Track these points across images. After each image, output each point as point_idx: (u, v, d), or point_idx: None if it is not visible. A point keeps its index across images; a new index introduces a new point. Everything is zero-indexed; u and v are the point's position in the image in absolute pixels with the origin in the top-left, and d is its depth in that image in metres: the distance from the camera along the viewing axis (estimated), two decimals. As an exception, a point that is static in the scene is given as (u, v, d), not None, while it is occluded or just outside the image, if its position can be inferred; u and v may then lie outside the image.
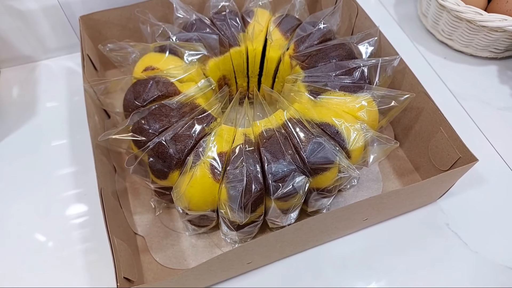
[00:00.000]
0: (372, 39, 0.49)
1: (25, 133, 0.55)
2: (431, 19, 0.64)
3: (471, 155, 0.40)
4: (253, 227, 0.42)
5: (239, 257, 0.37)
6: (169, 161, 0.39)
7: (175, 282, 0.35)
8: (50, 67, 0.61)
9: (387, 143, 0.41)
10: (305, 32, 0.49)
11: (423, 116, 0.46)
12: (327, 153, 0.38)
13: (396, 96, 0.42)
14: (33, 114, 0.57)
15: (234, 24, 0.50)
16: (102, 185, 0.39)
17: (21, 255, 0.44)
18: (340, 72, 0.44)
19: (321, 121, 0.41)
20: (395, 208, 0.43)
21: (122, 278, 0.34)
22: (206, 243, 0.45)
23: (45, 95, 0.59)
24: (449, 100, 0.58)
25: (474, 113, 0.56)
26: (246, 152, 0.39)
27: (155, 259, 0.44)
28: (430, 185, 0.40)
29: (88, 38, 0.52)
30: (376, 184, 0.50)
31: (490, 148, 0.53)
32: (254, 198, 0.37)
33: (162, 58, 0.46)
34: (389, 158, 0.52)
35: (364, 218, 0.42)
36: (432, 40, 0.65)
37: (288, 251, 0.43)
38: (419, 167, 0.50)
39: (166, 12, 0.56)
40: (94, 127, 0.43)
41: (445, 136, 0.43)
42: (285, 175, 0.37)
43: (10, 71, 0.61)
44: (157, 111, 0.41)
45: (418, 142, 0.49)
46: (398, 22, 0.68)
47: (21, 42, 0.58)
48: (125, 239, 0.40)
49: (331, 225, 0.40)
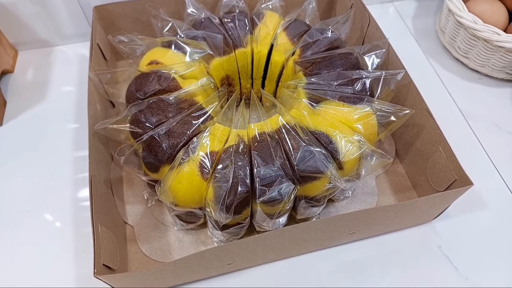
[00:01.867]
0: (380, 51, 0.48)
1: (35, 114, 0.57)
2: (448, 35, 0.62)
3: (467, 179, 0.39)
4: (239, 228, 0.42)
5: (218, 257, 0.37)
6: (161, 156, 0.40)
7: (152, 275, 0.36)
8: (65, 53, 0.63)
9: (381, 158, 0.40)
10: (312, 39, 0.48)
11: (424, 133, 0.45)
12: (317, 162, 0.38)
13: (395, 111, 0.42)
14: (44, 97, 0.58)
15: (242, 25, 0.50)
16: (94, 173, 0.40)
17: (28, 233, 0.46)
18: (341, 82, 0.44)
19: (315, 129, 0.41)
20: (385, 225, 0.42)
21: (101, 265, 0.35)
22: (192, 240, 0.46)
23: (57, 79, 0.61)
24: (458, 120, 0.56)
25: (482, 135, 0.54)
26: (236, 154, 0.39)
27: (141, 249, 0.45)
28: (420, 204, 0.39)
29: (100, 28, 0.54)
30: (371, 198, 0.49)
31: (495, 173, 0.51)
32: (239, 200, 0.37)
33: (167, 53, 0.47)
34: (387, 173, 0.51)
35: (351, 232, 0.41)
36: (448, 56, 0.63)
37: (271, 257, 0.42)
38: (417, 185, 0.49)
39: (179, 9, 0.56)
40: (94, 115, 0.44)
41: (443, 156, 0.42)
42: (273, 180, 0.37)
43: (28, 54, 0.63)
44: (154, 105, 0.42)
45: (417, 159, 0.47)
46: (414, 35, 0.66)
47: (39, 27, 0.60)
48: (111, 227, 0.40)
49: (315, 235, 0.39)
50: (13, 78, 0.60)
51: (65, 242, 0.45)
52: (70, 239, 0.45)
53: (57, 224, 0.47)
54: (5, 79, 0.60)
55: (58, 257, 0.44)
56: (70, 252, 0.44)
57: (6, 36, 0.60)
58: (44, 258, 0.44)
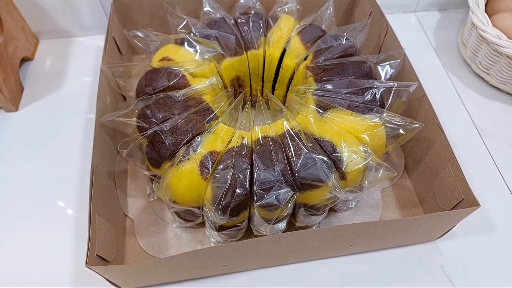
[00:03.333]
0: (395, 62, 0.47)
1: (50, 102, 0.58)
2: (470, 50, 0.60)
3: (474, 199, 0.37)
4: (236, 231, 0.42)
5: (211, 258, 0.37)
6: (163, 152, 0.40)
7: (144, 270, 0.36)
8: (84, 44, 0.65)
9: (385, 171, 0.39)
10: (326, 45, 0.48)
11: (434, 149, 0.44)
12: (318, 170, 0.37)
13: (404, 124, 0.40)
14: (60, 85, 0.60)
15: (256, 27, 0.50)
16: (97, 164, 0.40)
17: (33, 218, 0.47)
18: (351, 90, 0.43)
19: (320, 137, 0.40)
20: (385, 240, 0.41)
21: (95, 255, 0.35)
22: (190, 238, 0.46)
23: (75, 69, 0.62)
24: (473, 137, 0.54)
25: (497, 155, 0.52)
26: (237, 155, 0.39)
27: (139, 243, 0.45)
28: (423, 222, 0.38)
29: (118, 22, 0.54)
30: (375, 211, 0.48)
31: (507, 194, 0.49)
32: (236, 202, 0.37)
33: (179, 51, 0.47)
34: (394, 186, 0.50)
35: (350, 244, 0.40)
36: (468, 71, 0.61)
37: (266, 262, 0.42)
38: (424, 202, 0.47)
39: (197, 7, 0.57)
40: (102, 107, 0.44)
41: (452, 174, 0.40)
42: (272, 185, 0.37)
43: (48, 43, 0.65)
44: (161, 101, 0.42)
45: (426, 175, 0.46)
46: (435, 47, 0.64)
47: (61, 17, 0.61)
48: (110, 219, 0.41)
49: (312, 244, 0.39)
50: (33, 66, 0.62)
51: (67, 230, 0.46)
52: (72, 227, 0.46)
53: (62, 211, 0.47)
54: (25, 66, 0.61)
55: (60, 244, 0.45)
56: (72, 240, 0.45)
57: (29, 25, 0.62)
58: (46, 243, 0.45)
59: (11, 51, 0.56)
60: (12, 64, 0.56)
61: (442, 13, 0.69)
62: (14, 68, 0.57)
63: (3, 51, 0.54)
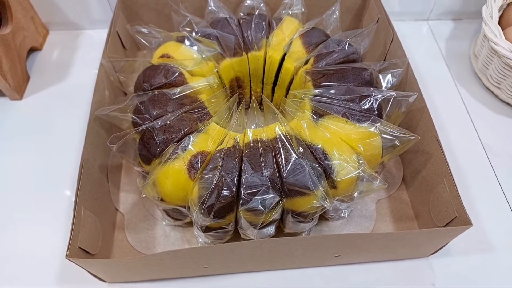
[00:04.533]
0: (398, 70, 0.46)
1: (55, 92, 0.59)
2: (481, 62, 0.58)
3: (467, 218, 0.36)
4: (223, 233, 0.41)
5: (193, 259, 0.37)
6: (153, 149, 0.40)
7: (124, 266, 0.36)
8: (92, 37, 0.65)
9: (377, 182, 0.38)
10: (328, 49, 0.47)
11: (431, 163, 0.42)
12: (305, 178, 0.36)
13: (400, 136, 0.39)
14: (66, 77, 0.61)
15: (258, 28, 0.49)
16: (88, 157, 0.41)
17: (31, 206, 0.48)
18: (349, 98, 0.42)
19: (312, 143, 0.39)
20: (374, 253, 0.40)
21: (77, 248, 0.35)
22: (178, 237, 0.45)
23: (81, 61, 0.63)
24: (477, 152, 0.52)
25: (501, 172, 0.50)
26: (227, 157, 0.38)
27: (127, 238, 0.45)
28: (413, 237, 0.37)
29: (123, 17, 0.55)
30: (368, 222, 0.47)
31: (509, 214, 0.47)
32: (222, 204, 0.37)
33: (179, 48, 0.47)
34: (390, 198, 0.48)
35: (337, 254, 0.40)
36: (478, 84, 0.59)
37: (251, 266, 0.41)
38: (419, 216, 0.46)
39: (203, 5, 0.56)
40: (98, 101, 0.45)
41: (447, 190, 0.39)
42: (258, 190, 0.36)
43: (57, 35, 0.66)
44: (156, 97, 0.42)
45: (423, 189, 0.45)
46: (445, 58, 0.63)
47: (71, 9, 0.62)
48: (99, 213, 0.41)
49: (297, 251, 0.38)
50: (41, 56, 0.63)
51: (60, 221, 0.46)
52: (64, 218, 0.46)
53: (56, 201, 0.48)
54: (33, 56, 0.62)
55: (52, 234, 0.45)
56: (63, 231, 0.45)
57: (40, 15, 0.63)
58: (38, 233, 0.46)
59: (19, 41, 0.57)
60: (19, 53, 0.57)
61: (455, 23, 0.67)
62: (21, 57, 0.58)
63: (11, 40, 0.55)
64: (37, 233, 0.45)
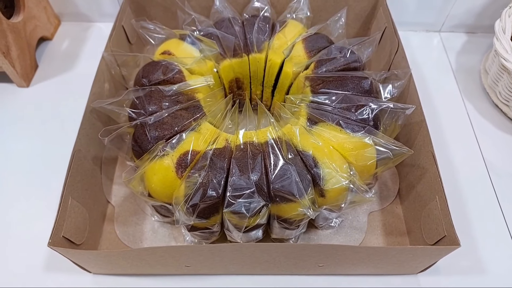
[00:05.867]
0: (399, 82, 0.45)
1: (61, 82, 0.60)
2: (491, 78, 0.56)
3: (455, 238, 0.35)
4: (208, 233, 0.41)
5: (173, 257, 0.36)
6: (145, 145, 0.40)
7: (104, 258, 0.36)
8: (101, 30, 0.66)
9: (363, 194, 0.37)
10: (329, 56, 0.46)
11: (426, 178, 0.41)
12: (291, 184, 0.36)
13: (394, 149, 0.38)
14: (73, 67, 0.62)
15: (261, 30, 0.49)
16: (81, 147, 0.41)
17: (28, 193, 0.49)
18: (345, 106, 0.41)
19: (303, 150, 0.39)
20: (358, 266, 0.39)
21: (61, 237, 0.36)
22: (166, 233, 0.46)
23: (89, 53, 0.64)
24: (479, 170, 0.51)
25: (502, 192, 0.49)
26: (216, 158, 0.38)
27: (116, 231, 0.46)
28: (397, 254, 0.36)
29: (130, 11, 0.55)
30: (358, 234, 0.46)
31: (506, 237, 0.46)
32: (206, 205, 0.36)
33: (180, 46, 0.47)
34: (383, 212, 0.47)
35: (320, 264, 0.39)
36: (486, 100, 0.58)
37: (232, 269, 0.41)
38: (411, 232, 0.45)
39: (210, 4, 0.56)
40: (96, 92, 0.45)
41: (438, 207, 0.38)
42: (242, 193, 0.36)
43: (69, 25, 0.67)
44: (152, 93, 0.43)
45: (416, 204, 0.44)
46: (455, 71, 0.61)
47: (82, 1, 0.63)
48: (88, 204, 0.41)
49: (278, 258, 0.37)
50: (51, 45, 0.64)
51: (52, 208, 0.47)
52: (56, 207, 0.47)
53: (50, 189, 0.48)
54: (43, 45, 0.64)
55: (43, 220, 0.46)
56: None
57: (52, 6, 0.64)
58: (30, 218, 0.46)
59: (29, 30, 0.58)
60: (29, 42, 0.58)
61: (469, 36, 0.65)
62: (30, 46, 0.59)
63: (22, 28, 0.56)
64: (28, 219, 0.46)
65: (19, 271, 0.42)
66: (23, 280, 0.42)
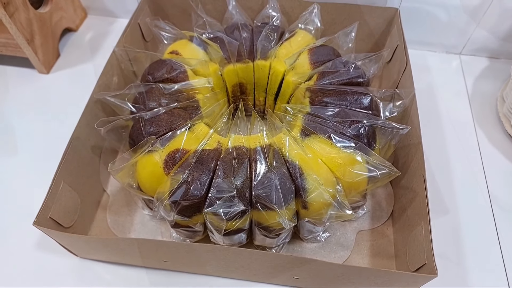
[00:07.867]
0: (401, 102, 0.44)
1: (80, 72, 0.63)
2: (507, 107, 0.54)
3: (433, 268, 0.33)
4: (191, 232, 0.42)
5: (150, 250, 0.37)
6: (139, 139, 0.41)
7: (84, 242, 0.37)
8: (124, 26, 0.68)
9: (345, 211, 0.36)
10: (333, 68, 0.46)
11: (416, 202, 0.40)
12: (271, 192, 0.36)
13: (382, 168, 0.38)
14: (93, 59, 0.64)
15: (268, 38, 0.49)
16: (80, 135, 0.43)
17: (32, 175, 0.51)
18: (341, 120, 0.41)
19: (291, 159, 0.38)
20: (334, 282, 0.38)
21: (48, 218, 0.37)
22: (154, 227, 0.47)
23: (110, 47, 0.65)
24: (482, 201, 0.48)
25: (502, 226, 0.46)
26: (204, 158, 0.39)
27: (107, 219, 0.47)
28: (371, 275, 0.35)
29: (148, 10, 0.57)
30: (343, 251, 0.45)
31: (501, 273, 0.43)
32: (188, 203, 0.37)
33: (188, 47, 0.49)
34: (373, 232, 0.46)
35: (295, 276, 0.39)
36: (500, 129, 0.55)
37: (209, 270, 0.41)
38: (399, 256, 0.43)
39: (225, 9, 0.57)
40: (103, 84, 0.47)
41: (422, 233, 0.37)
42: (223, 196, 0.36)
43: (94, 19, 0.70)
44: (152, 90, 0.44)
45: (405, 228, 0.42)
46: (470, 96, 0.59)
47: (109, -3, 0.66)
48: (81, 190, 0.43)
49: (252, 265, 0.37)
50: (75, 37, 0.67)
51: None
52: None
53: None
54: (68, 36, 0.67)
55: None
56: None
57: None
58: (27, 198, 0.49)
59: (55, 20, 0.61)
60: (53, 32, 0.61)
61: (491, 61, 0.63)
62: (54, 35, 0.62)
63: (48, 19, 0.60)
64: (26, 198, 0.49)
65: (11, 249, 0.45)
66: (12, 257, 0.44)
